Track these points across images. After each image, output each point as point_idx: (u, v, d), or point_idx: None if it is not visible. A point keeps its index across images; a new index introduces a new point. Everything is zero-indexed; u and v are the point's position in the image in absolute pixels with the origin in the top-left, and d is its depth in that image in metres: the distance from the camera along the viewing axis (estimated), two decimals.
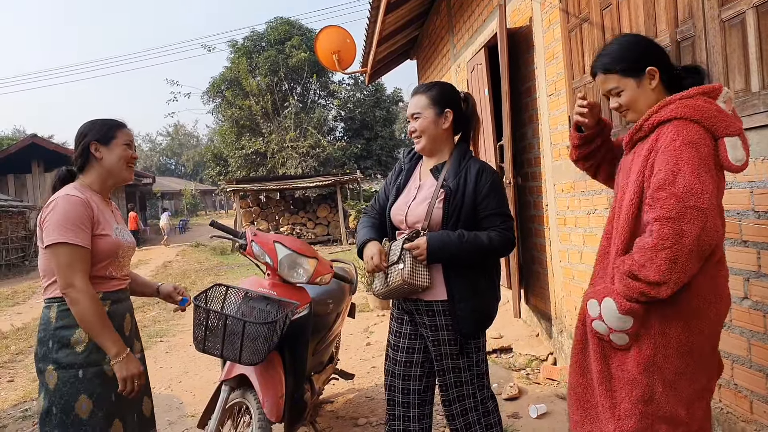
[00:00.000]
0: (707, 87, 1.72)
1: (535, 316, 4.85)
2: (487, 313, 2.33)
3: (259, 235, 2.84)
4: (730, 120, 1.67)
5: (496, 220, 2.26)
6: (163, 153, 70.12)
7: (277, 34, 26.31)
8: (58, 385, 2.02)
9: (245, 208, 19.61)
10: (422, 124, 2.33)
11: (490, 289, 2.35)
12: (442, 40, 7.45)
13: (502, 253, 2.31)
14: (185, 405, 4.24)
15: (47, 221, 2.02)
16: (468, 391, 2.38)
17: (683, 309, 1.68)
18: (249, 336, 2.36)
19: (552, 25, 3.90)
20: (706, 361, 1.74)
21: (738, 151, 1.64)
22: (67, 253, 1.99)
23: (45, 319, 2.07)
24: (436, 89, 2.37)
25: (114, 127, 2.23)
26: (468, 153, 2.40)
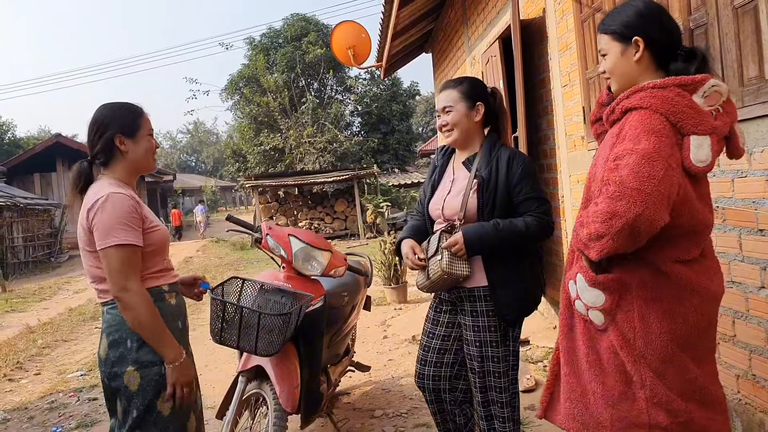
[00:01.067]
0: (686, 79, 1.61)
1: (552, 308, 4.84)
2: (530, 299, 2.36)
3: (274, 228, 2.88)
4: (702, 117, 1.58)
5: (532, 205, 2.27)
6: (183, 150, 70.90)
7: (293, 30, 26.41)
8: (141, 384, 1.94)
9: (264, 203, 19.77)
10: (454, 118, 2.37)
11: (532, 274, 2.36)
12: (456, 33, 7.42)
13: (541, 237, 2.29)
14: (205, 397, 4.27)
15: (99, 222, 1.89)
16: (503, 384, 2.36)
17: (662, 294, 1.65)
18: (264, 327, 2.41)
19: (565, 15, 3.88)
20: (696, 351, 1.68)
21: (702, 152, 1.57)
22: (121, 255, 1.88)
23: (117, 320, 1.94)
24: (467, 83, 2.41)
25: (138, 115, 2.08)
26: (498, 142, 2.42)
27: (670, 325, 1.64)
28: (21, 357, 6.14)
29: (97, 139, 2.02)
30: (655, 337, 1.65)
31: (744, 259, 2.30)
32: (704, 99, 1.60)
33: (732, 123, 1.65)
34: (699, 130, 1.57)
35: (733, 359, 2.42)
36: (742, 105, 2.20)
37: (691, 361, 1.67)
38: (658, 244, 1.61)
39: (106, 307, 1.98)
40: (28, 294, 11.61)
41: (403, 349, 5.03)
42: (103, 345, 1.98)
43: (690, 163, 1.57)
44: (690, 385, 1.67)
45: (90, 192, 1.99)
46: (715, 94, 1.61)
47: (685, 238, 1.64)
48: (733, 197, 2.32)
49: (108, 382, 1.98)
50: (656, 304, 1.65)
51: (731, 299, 2.37)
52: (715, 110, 1.61)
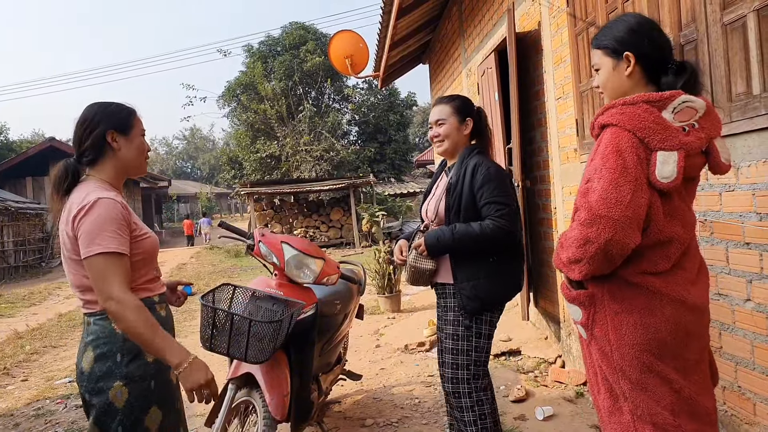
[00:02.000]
0: (655, 95, 1.64)
1: (543, 318, 4.85)
2: (491, 295, 2.52)
3: (266, 235, 2.89)
4: (668, 133, 1.59)
5: (491, 209, 2.46)
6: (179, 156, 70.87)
7: (292, 38, 26.51)
8: (129, 401, 1.83)
9: (259, 211, 19.75)
10: (446, 130, 2.67)
11: (497, 273, 2.53)
12: (453, 45, 7.48)
13: (497, 239, 2.44)
14: (194, 405, 4.28)
15: (84, 230, 1.76)
16: (463, 375, 2.56)
17: (633, 306, 1.66)
18: (255, 335, 2.40)
19: (560, 29, 3.92)
20: (679, 362, 1.68)
21: (666, 167, 1.58)
22: (106, 263, 1.75)
23: (106, 332, 1.83)
24: (459, 100, 2.73)
25: (131, 113, 1.98)
26: (473, 151, 2.66)
27: (643, 336, 1.65)
28: (8, 363, 6.10)
29: (86, 135, 1.90)
30: (629, 349, 1.66)
31: (731, 272, 2.32)
32: (674, 115, 1.62)
33: (709, 138, 1.65)
34: (665, 145, 1.58)
35: (720, 371, 2.42)
36: (730, 120, 2.23)
37: (674, 371, 1.67)
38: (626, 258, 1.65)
39: (93, 318, 1.86)
40: (17, 299, 11.54)
41: (395, 359, 5.03)
42: (87, 358, 1.83)
43: (655, 179, 1.59)
44: (677, 396, 1.67)
45: (75, 195, 1.85)
46: (687, 110, 1.62)
47: (652, 252, 1.65)
48: (721, 211, 2.34)
49: (88, 397, 1.84)
50: (628, 316, 1.67)
51: (718, 311, 2.39)
52: (688, 125, 1.62)
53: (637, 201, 1.57)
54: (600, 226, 1.57)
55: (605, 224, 1.57)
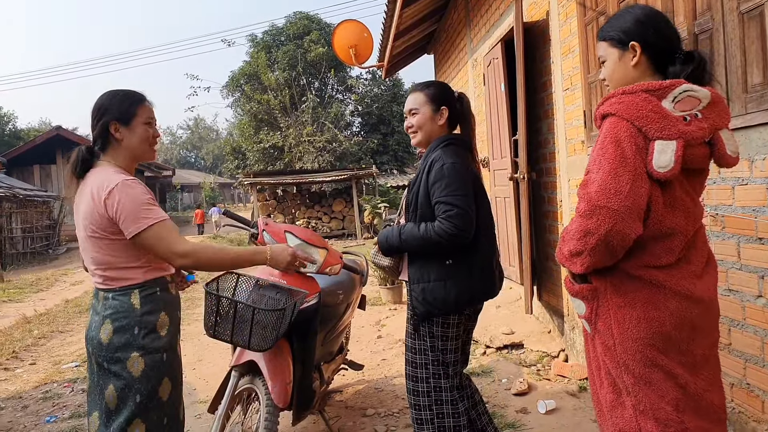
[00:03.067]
0: (654, 84, 1.62)
1: (547, 312, 4.82)
2: (440, 299, 2.33)
3: (270, 224, 2.87)
4: (667, 122, 1.56)
5: (440, 209, 2.28)
6: (183, 146, 70.85)
7: (296, 28, 26.42)
8: (145, 371, 1.98)
9: (262, 201, 19.74)
10: (419, 120, 2.47)
11: (450, 276, 2.33)
12: (459, 35, 7.41)
13: (442, 242, 2.25)
14: (198, 391, 4.29)
15: (125, 209, 1.92)
16: (422, 374, 2.45)
17: (636, 299, 1.64)
18: (258, 323, 2.39)
19: (569, 18, 3.87)
20: (686, 357, 1.65)
21: (664, 157, 1.55)
22: (160, 230, 1.95)
23: (125, 307, 1.98)
24: (433, 87, 2.50)
25: (134, 102, 2.07)
26: (440, 144, 2.44)
27: (647, 330, 1.63)
28: (16, 347, 6.12)
29: (94, 125, 2.05)
30: (632, 343, 1.64)
31: (742, 267, 2.28)
32: (675, 104, 1.59)
33: (714, 129, 1.61)
34: (663, 134, 1.55)
35: (728, 368, 2.40)
36: (745, 112, 2.19)
37: (679, 366, 1.64)
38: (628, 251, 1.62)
39: (112, 293, 1.99)
40: (25, 285, 11.57)
41: (396, 350, 5.01)
42: (106, 330, 1.97)
43: (652, 168, 1.56)
44: (682, 392, 1.64)
45: (94, 179, 1.99)
46: (689, 100, 1.59)
47: (655, 244, 1.63)
48: (733, 205, 2.30)
49: (107, 365, 1.97)
50: (631, 310, 1.64)
51: (728, 307, 2.36)
52: (690, 115, 1.58)
53: (637, 191, 1.55)
54: (600, 217, 1.55)
55: (605, 215, 1.55)
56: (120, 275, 1.99)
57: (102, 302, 2.01)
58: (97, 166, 2.04)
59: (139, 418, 1.97)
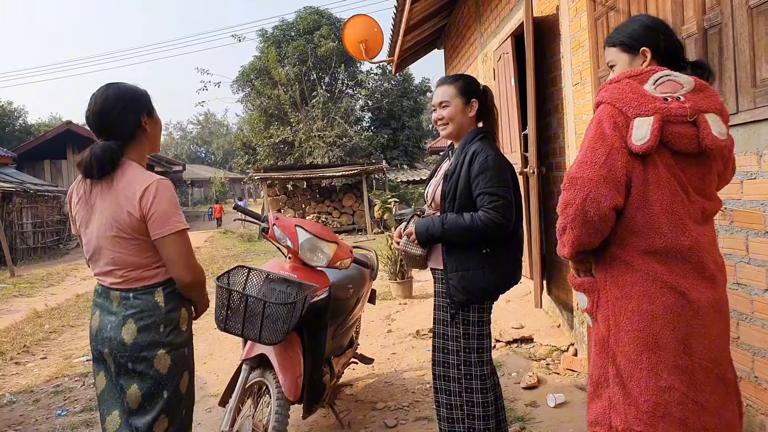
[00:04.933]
0: (635, 71, 1.73)
1: (557, 306, 4.83)
2: (478, 287, 2.42)
3: (281, 219, 2.90)
4: (644, 100, 1.64)
5: (484, 200, 2.35)
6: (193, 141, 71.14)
7: (306, 23, 26.43)
8: (171, 367, 1.99)
9: (272, 196, 19.84)
10: (450, 112, 2.52)
11: (488, 265, 2.42)
12: (469, 30, 7.40)
13: (489, 231, 2.33)
14: (208, 385, 4.35)
15: (158, 209, 1.90)
16: (453, 361, 2.53)
17: (633, 291, 1.67)
18: (269, 316, 2.43)
19: (579, 13, 3.86)
20: (672, 356, 1.62)
21: (640, 131, 1.61)
22: (185, 239, 1.97)
23: (150, 305, 1.97)
24: (463, 80, 2.57)
25: (147, 93, 2.10)
26: (476, 136, 2.52)
27: (638, 323, 1.65)
28: (28, 341, 6.21)
29: (122, 118, 1.96)
30: (624, 334, 1.68)
31: (750, 261, 2.29)
32: (656, 86, 1.67)
33: (697, 110, 1.64)
34: (641, 111, 1.63)
35: (736, 361, 2.39)
36: (754, 106, 2.18)
37: (666, 369, 1.62)
38: (620, 234, 1.68)
39: (134, 293, 1.97)
40: (36, 279, 11.72)
41: (406, 344, 5.04)
42: (129, 330, 1.94)
43: (631, 143, 1.63)
44: (662, 396, 1.62)
45: (124, 179, 1.93)
46: (670, 83, 1.67)
47: (643, 226, 1.66)
48: (742, 199, 2.30)
49: (131, 365, 1.95)
50: (627, 302, 1.68)
51: (736, 301, 2.36)
52: (671, 97, 1.65)
53: (612, 162, 1.62)
54: (576, 186, 1.65)
55: (580, 184, 1.64)
56: (145, 274, 1.98)
57: (120, 302, 1.98)
58: (122, 164, 1.98)
59: (164, 414, 1.99)
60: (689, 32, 2.54)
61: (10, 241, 15.50)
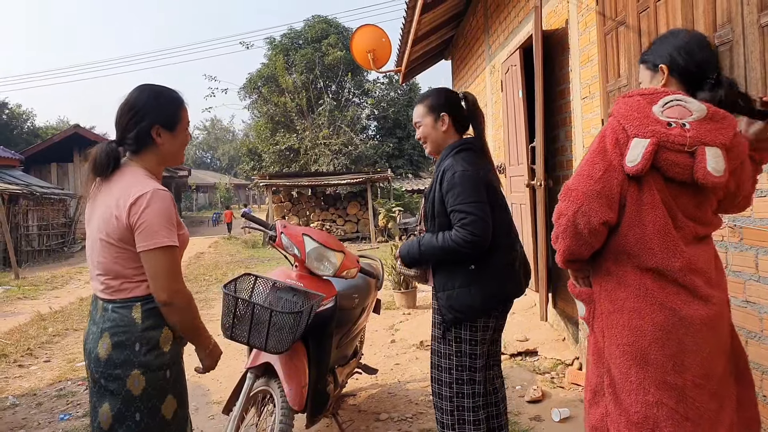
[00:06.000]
0: (647, 89, 1.73)
1: (562, 320, 4.81)
2: (466, 305, 2.37)
3: (288, 227, 2.90)
4: (646, 121, 1.63)
5: (455, 218, 2.33)
6: (199, 147, 71.40)
7: (314, 32, 26.56)
8: (146, 389, 1.84)
9: (277, 203, 19.86)
10: (423, 131, 2.57)
11: (474, 282, 2.37)
12: (477, 41, 7.43)
13: (461, 250, 2.29)
14: (211, 392, 4.34)
15: (146, 221, 1.78)
16: (445, 378, 2.48)
17: (624, 306, 1.69)
18: (275, 325, 2.42)
19: (588, 27, 3.87)
20: (660, 372, 1.63)
21: (633, 152, 1.62)
22: (169, 256, 1.81)
23: (126, 321, 1.83)
24: (430, 97, 2.57)
25: (179, 106, 1.95)
26: (451, 151, 2.47)
27: (628, 338, 1.67)
28: (31, 344, 6.21)
29: (132, 125, 1.87)
30: (615, 347, 1.70)
31: (760, 279, 2.27)
32: (664, 110, 1.65)
33: (698, 141, 1.60)
34: (639, 132, 1.63)
35: None
36: None
37: (654, 384, 1.63)
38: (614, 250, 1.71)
39: (112, 305, 1.85)
40: (40, 282, 11.74)
41: (410, 354, 5.02)
42: (104, 344, 1.83)
43: (624, 162, 1.64)
44: (651, 410, 1.62)
45: (124, 182, 1.84)
46: (678, 108, 1.65)
47: (635, 243, 1.68)
48: (752, 216, 2.30)
49: (104, 382, 1.84)
50: (619, 316, 1.71)
51: (745, 319, 2.35)
52: (675, 122, 1.63)
53: (608, 178, 1.65)
54: (570, 198, 1.69)
55: (574, 197, 1.68)
56: (125, 286, 1.85)
57: (101, 313, 1.88)
58: (125, 167, 1.89)
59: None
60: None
61: (15, 243, 15.55)
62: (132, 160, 1.92)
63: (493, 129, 6.83)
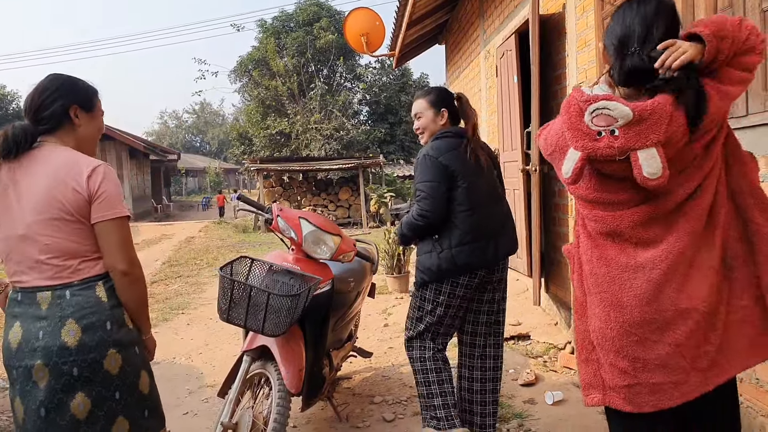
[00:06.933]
0: (585, 96, 1.61)
1: (554, 304, 4.84)
2: (426, 267, 2.76)
3: (284, 210, 2.89)
4: (579, 134, 1.58)
5: (415, 195, 2.75)
6: (188, 130, 70.76)
7: (306, 15, 26.31)
8: (123, 367, 1.83)
9: (268, 187, 19.77)
10: (423, 123, 2.88)
11: (434, 248, 2.74)
12: (472, 26, 7.38)
13: (416, 222, 2.70)
14: (205, 375, 4.33)
15: (106, 191, 1.79)
16: (406, 335, 3.01)
17: (589, 256, 1.77)
18: (272, 308, 2.42)
19: (586, 12, 3.85)
20: (635, 312, 1.64)
21: (568, 164, 1.63)
22: (128, 226, 1.85)
23: (92, 302, 1.79)
24: (433, 93, 2.92)
25: (95, 94, 1.98)
26: (434, 139, 2.81)
27: (599, 287, 1.73)
28: None
29: (48, 103, 1.84)
30: (592, 297, 1.77)
31: None
32: (592, 118, 1.56)
33: (627, 149, 1.51)
34: (573, 144, 1.60)
35: None
36: (764, 109, 2.19)
37: (635, 324, 1.69)
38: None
39: (70, 289, 1.78)
40: None
41: (403, 338, 5.03)
42: (71, 331, 1.75)
43: (560, 173, 1.69)
44: (635, 349, 1.67)
45: (56, 159, 1.80)
46: (604, 116, 1.54)
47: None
48: None
49: (76, 371, 1.75)
50: (587, 266, 1.78)
51: None
52: (605, 131, 1.53)
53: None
54: None
55: None
56: (83, 265, 1.80)
57: (51, 302, 1.77)
58: (45, 147, 1.84)
59: (122, 416, 1.84)
60: None
61: None
62: (50, 142, 1.86)
63: (487, 114, 6.81)
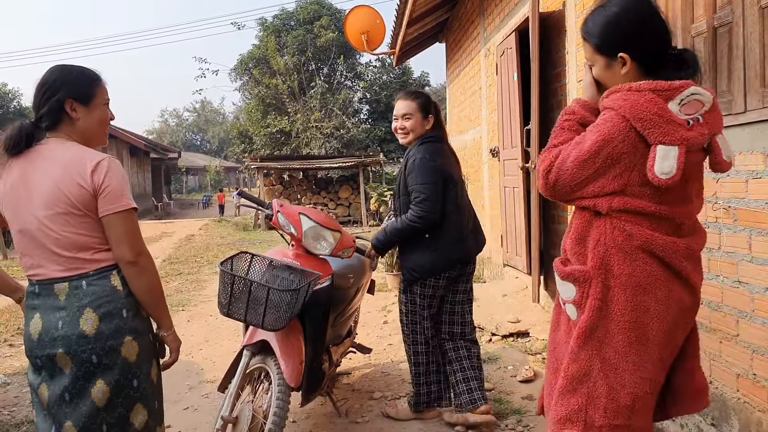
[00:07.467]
0: (664, 84, 1.53)
1: (553, 302, 4.85)
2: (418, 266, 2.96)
3: (285, 206, 2.90)
4: (671, 127, 1.51)
5: (413, 196, 2.86)
6: (189, 129, 70.77)
7: (306, 13, 26.30)
8: (140, 354, 1.86)
9: (268, 186, 19.78)
10: (412, 124, 3.01)
11: (428, 247, 2.91)
12: (472, 24, 7.39)
13: (416, 225, 2.82)
14: (205, 371, 4.35)
15: (111, 184, 1.79)
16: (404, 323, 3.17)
17: (626, 281, 1.61)
18: (272, 302, 2.43)
19: (586, 9, 3.86)
20: (655, 349, 1.63)
21: (666, 163, 1.49)
22: (135, 218, 1.86)
23: (107, 290, 1.82)
24: (423, 98, 3.07)
25: (94, 82, 1.91)
26: (421, 142, 2.97)
27: (632, 314, 1.61)
28: (21, 323, 6.13)
29: (44, 101, 1.84)
30: (614, 326, 1.62)
31: (752, 260, 2.30)
32: (681, 107, 1.52)
33: (712, 134, 1.56)
34: (666, 139, 1.50)
35: (735, 358, 2.43)
36: (762, 106, 2.19)
37: (650, 362, 1.63)
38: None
39: (86, 279, 1.81)
40: None
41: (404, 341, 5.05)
42: (89, 320, 1.78)
43: (653, 175, 1.52)
44: (642, 388, 1.63)
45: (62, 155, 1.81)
46: (694, 103, 1.52)
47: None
48: (746, 198, 2.32)
49: (95, 359, 1.78)
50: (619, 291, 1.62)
51: (737, 299, 2.39)
52: (693, 119, 1.52)
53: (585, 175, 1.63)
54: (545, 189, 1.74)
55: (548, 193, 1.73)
56: (95, 257, 1.82)
57: (70, 292, 1.80)
58: (51, 142, 1.85)
59: (140, 403, 1.87)
60: (699, 31, 2.55)
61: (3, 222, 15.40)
62: (56, 137, 1.87)
63: (487, 112, 6.82)
